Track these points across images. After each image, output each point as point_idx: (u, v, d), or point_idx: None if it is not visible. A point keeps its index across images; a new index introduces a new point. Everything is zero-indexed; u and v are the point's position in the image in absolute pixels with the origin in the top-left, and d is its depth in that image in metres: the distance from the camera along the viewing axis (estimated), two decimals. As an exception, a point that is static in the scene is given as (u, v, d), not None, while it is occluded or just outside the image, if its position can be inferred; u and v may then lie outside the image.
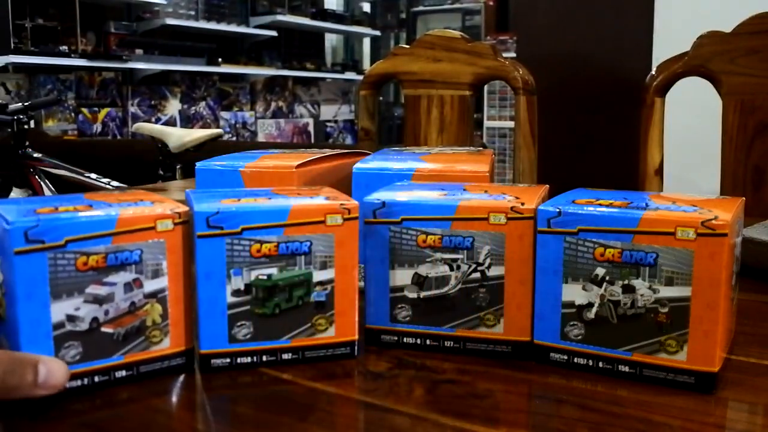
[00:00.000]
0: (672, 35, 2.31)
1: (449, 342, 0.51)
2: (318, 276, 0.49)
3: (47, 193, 2.61)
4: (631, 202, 0.48)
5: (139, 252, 0.45)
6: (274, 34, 5.25)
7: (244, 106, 5.38)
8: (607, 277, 0.47)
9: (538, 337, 0.49)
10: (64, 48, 3.89)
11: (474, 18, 5.93)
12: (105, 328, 0.44)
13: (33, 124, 3.08)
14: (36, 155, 2.64)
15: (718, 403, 0.44)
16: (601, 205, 0.48)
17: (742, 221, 0.51)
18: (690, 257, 0.44)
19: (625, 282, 0.46)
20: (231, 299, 0.48)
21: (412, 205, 0.51)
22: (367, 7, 6.78)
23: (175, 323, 0.47)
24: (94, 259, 0.43)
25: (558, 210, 0.48)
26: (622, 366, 0.47)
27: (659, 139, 1.25)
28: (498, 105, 4.79)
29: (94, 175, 2.66)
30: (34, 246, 0.41)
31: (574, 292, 0.48)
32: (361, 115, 1.53)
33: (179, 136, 2.76)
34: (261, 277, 0.48)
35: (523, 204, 0.49)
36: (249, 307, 0.48)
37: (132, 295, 0.45)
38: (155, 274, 0.46)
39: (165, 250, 0.46)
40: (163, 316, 0.47)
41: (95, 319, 0.44)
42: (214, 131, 2.86)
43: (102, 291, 0.44)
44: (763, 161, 1.19)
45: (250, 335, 0.48)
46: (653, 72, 1.26)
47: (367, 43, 7.00)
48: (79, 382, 0.44)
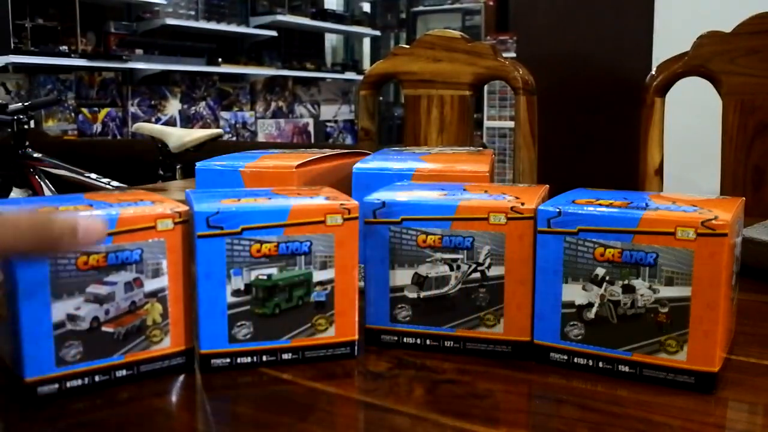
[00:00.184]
0: (672, 35, 2.31)
1: (449, 342, 0.51)
2: (318, 276, 0.49)
3: (47, 193, 2.61)
4: (631, 202, 0.48)
5: (139, 251, 0.45)
6: (274, 34, 5.25)
7: (244, 106, 5.38)
8: (607, 277, 0.47)
9: (538, 337, 0.49)
10: (64, 48, 3.89)
11: (474, 18, 5.93)
12: (105, 328, 0.44)
13: (33, 124, 3.08)
14: (36, 155, 2.64)
15: (718, 403, 0.44)
16: (601, 205, 0.48)
17: (742, 221, 0.51)
18: (690, 257, 0.44)
19: (625, 282, 0.46)
20: (231, 299, 0.48)
21: (412, 205, 0.51)
22: (367, 7, 6.78)
23: (175, 323, 0.47)
24: (94, 259, 0.44)
25: (558, 210, 0.48)
26: (622, 366, 0.47)
27: (659, 139, 1.25)
28: (498, 105, 4.79)
29: (94, 175, 2.66)
30: None
31: (574, 292, 0.48)
32: (361, 115, 1.53)
33: (179, 136, 2.76)
34: (261, 277, 0.48)
35: (523, 204, 0.49)
36: (249, 307, 0.48)
37: (132, 295, 0.45)
38: (155, 274, 0.46)
39: (165, 249, 0.46)
40: (164, 315, 0.47)
41: (96, 318, 0.44)
42: (214, 131, 2.86)
43: (102, 290, 0.44)
44: (763, 161, 1.19)
45: (250, 335, 0.48)
46: (653, 72, 1.26)
47: (367, 43, 7.00)
48: (79, 382, 0.44)
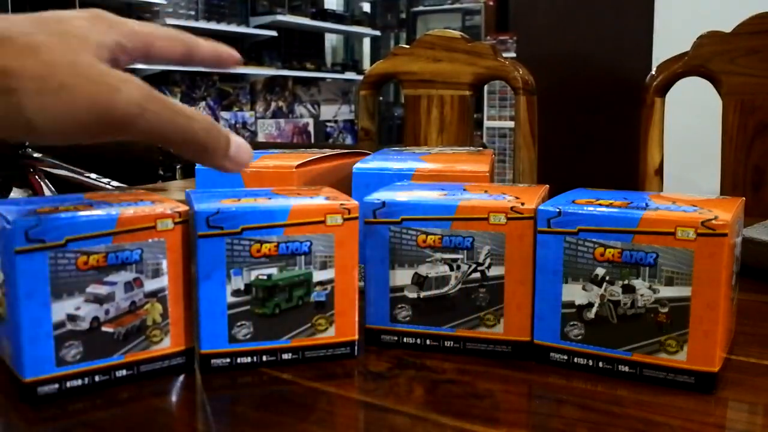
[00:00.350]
0: (672, 35, 2.31)
1: (449, 342, 0.51)
2: (318, 276, 0.49)
3: (47, 193, 2.61)
4: (631, 202, 0.48)
5: (139, 251, 0.45)
6: (274, 34, 5.25)
7: (244, 106, 5.38)
8: (607, 277, 0.47)
9: (538, 337, 0.49)
10: (64, 48, 3.89)
11: (474, 18, 5.93)
12: (105, 328, 0.44)
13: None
14: (36, 155, 2.64)
15: (718, 403, 0.44)
16: (601, 205, 0.48)
17: (742, 221, 0.51)
18: (690, 257, 0.44)
19: (625, 282, 0.46)
20: (231, 299, 0.48)
21: (412, 205, 0.51)
22: (367, 7, 6.78)
23: (175, 322, 0.47)
24: (94, 259, 0.44)
25: (558, 210, 0.48)
26: (622, 366, 0.47)
27: (659, 139, 1.25)
28: (498, 105, 4.79)
29: (94, 175, 2.66)
30: (34, 245, 0.41)
31: (574, 292, 0.48)
32: (361, 115, 1.53)
33: (179, 136, 2.75)
34: (261, 277, 0.48)
35: (523, 204, 0.49)
36: (249, 307, 0.48)
37: (132, 295, 0.45)
38: (155, 274, 0.46)
39: (165, 249, 0.46)
40: (164, 315, 0.47)
41: (96, 318, 0.44)
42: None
43: (102, 290, 0.44)
44: (763, 161, 1.19)
45: (250, 335, 0.48)
46: (653, 72, 1.26)
47: (367, 43, 7.00)
48: (79, 382, 0.44)
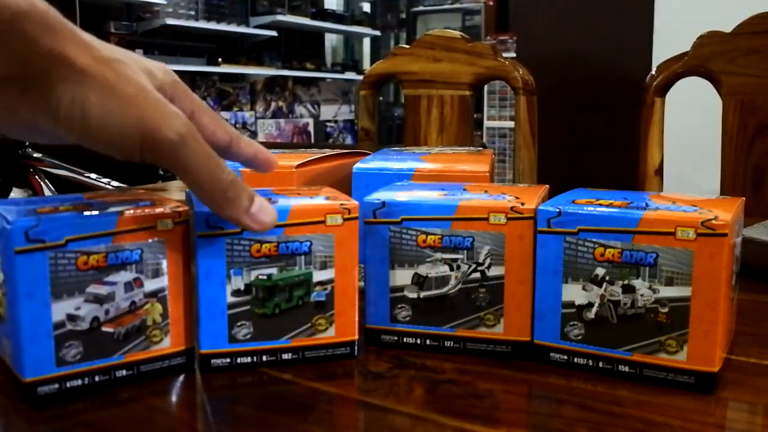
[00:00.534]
0: (672, 35, 2.31)
1: (449, 342, 0.51)
2: (318, 276, 0.49)
3: (47, 193, 2.61)
4: (631, 202, 0.48)
5: (139, 251, 0.45)
6: (274, 34, 5.25)
7: (244, 106, 5.38)
8: (607, 277, 0.47)
9: (538, 337, 0.49)
10: (64, 48, 3.89)
11: (474, 18, 5.93)
12: (105, 328, 0.44)
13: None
14: (36, 155, 2.64)
15: (718, 403, 0.44)
16: (601, 205, 0.48)
17: (742, 221, 0.51)
18: (690, 257, 0.44)
19: (625, 282, 0.46)
20: (231, 299, 0.48)
21: (412, 205, 0.51)
22: (367, 7, 6.78)
23: (175, 323, 0.47)
24: (94, 259, 0.44)
25: (558, 210, 0.48)
26: (622, 366, 0.47)
27: (659, 139, 1.25)
28: (498, 105, 4.79)
29: (94, 175, 2.66)
30: (34, 245, 0.41)
31: (574, 292, 0.48)
32: (361, 115, 1.53)
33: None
34: (261, 277, 0.48)
35: (523, 204, 0.49)
36: (249, 307, 0.48)
37: (132, 295, 0.45)
38: (155, 274, 0.46)
39: (165, 249, 0.46)
40: (164, 315, 0.47)
41: (96, 318, 0.44)
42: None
43: (102, 290, 0.44)
44: (763, 161, 1.19)
45: (250, 335, 0.48)
46: (653, 72, 1.26)
47: (367, 43, 7.00)
48: (79, 382, 0.44)
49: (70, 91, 0.38)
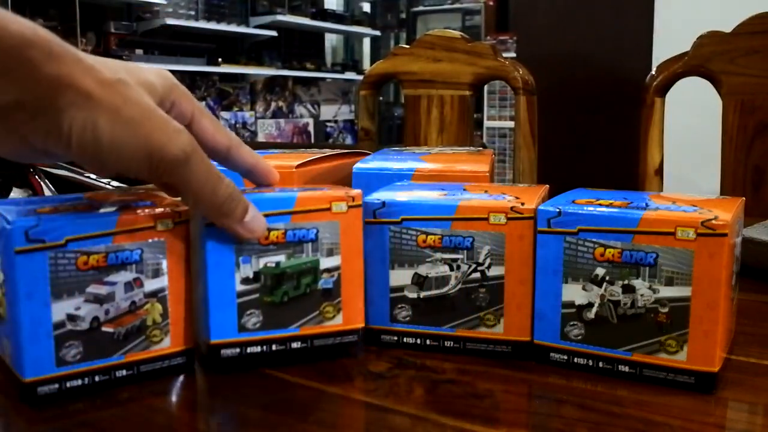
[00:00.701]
0: (672, 35, 2.31)
1: (449, 342, 0.51)
2: (325, 263, 0.49)
3: (47, 193, 2.61)
4: (631, 202, 0.48)
5: (139, 251, 0.45)
6: (274, 34, 5.25)
7: (244, 106, 5.38)
8: (607, 277, 0.47)
9: (538, 337, 0.49)
10: (65, 48, 3.89)
11: (474, 18, 5.93)
12: (105, 328, 0.44)
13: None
14: (36, 155, 2.64)
15: (718, 403, 0.44)
16: (601, 205, 0.48)
17: (742, 221, 0.51)
18: (690, 257, 0.44)
19: (625, 282, 0.46)
20: (240, 287, 0.47)
21: (412, 205, 0.51)
22: (367, 7, 6.78)
23: (175, 323, 0.47)
24: (94, 259, 0.43)
25: (558, 210, 0.48)
26: (622, 366, 0.47)
27: (659, 139, 1.25)
28: (498, 105, 4.79)
29: (94, 175, 2.66)
30: (34, 245, 0.41)
31: (574, 292, 0.48)
32: (361, 115, 1.53)
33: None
34: (269, 264, 0.48)
35: (523, 204, 0.49)
36: (258, 295, 0.48)
37: (132, 295, 0.45)
38: (155, 274, 0.46)
39: (165, 249, 0.46)
40: (164, 315, 0.47)
41: (96, 318, 0.44)
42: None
43: (102, 290, 0.44)
44: (763, 161, 1.19)
45: (259, 324, 0.48)
46: (653, 72, 1.26)
47: (367, 43, 7.00)
48: (79, 382, 0.44)
49: (80, 117, 0.39)
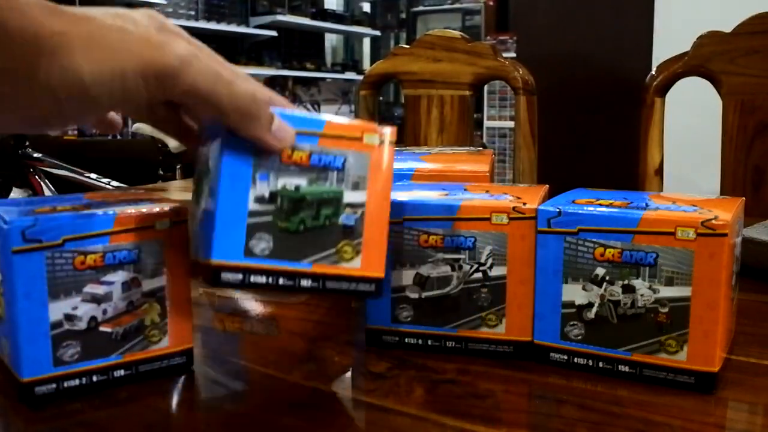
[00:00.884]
0: (672, 35, 2.31)
1: (451, 342, 0.51)
2: (349, 197, 0.44)
3: (47, 193, 2.61)
4: (631, 202, 0.48)
5: (137, 251, 0.45)
6: (274, 34, 5.25)
7: (244, 106, 5.37)
8: (607, 277, 0.46)
9: (538, 337, 0.49)
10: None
11: (474, 18, 5.93)
12: (103, 328, 0.44)
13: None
14: (36, 155, 2.64)
15: (718, 403, 0.44)
16: (601, 205, 0.48)
17: (742, 221, 0.50)
18: (690, 257, 0.44)
19: (625, 282, 0.46)
20: (253, 206, 0.42)
21: (415, 205, 0.50)
22: (367, 7, 6.78)
23: (173, 323, 0.47)
24: (92, 258, 0.43)
25: (558, 210, 0.47)
26: (622, 366, 0.47)
27: (659, 139, 1.25)
28: (498, 105, 4.79)
29: (94, 175, 2.66)
30: (31, 245, 0.41)
31: (574, 292, 0.47)
32: (361, 115, 1.53)
33: (179, 136, 2.74)
34: (288, 186, 0.43)
35: (525, 204, 0.49)
36: (271, 218, 0.43)
37: (130, 295, 0.45)
38: (154, 274, 0.46)
39: (163, 249, 0.46)
40: (162, 315, 0.47)
41: (93, 318, 0.44)
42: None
43: (100, 290, 0.44)
44: (763, 161, 1.19)
45: (268, 251, 0.43)
46: (653, 72, 1.26)
47: (367, 43, 7.00)
48: (77, 382, 0.44)
49: (56, 62, 0.37)
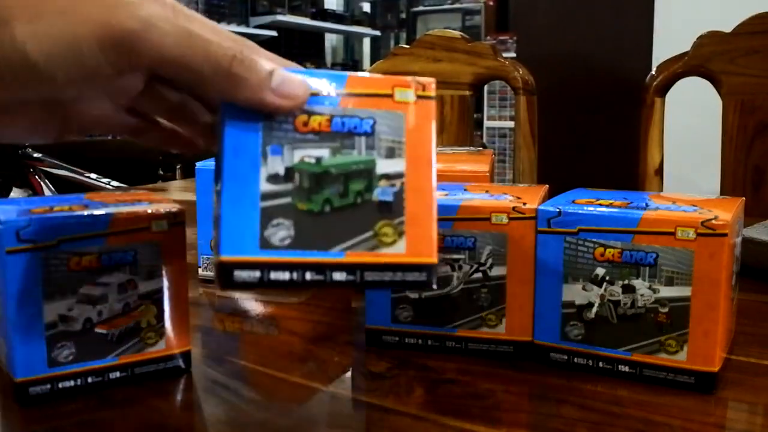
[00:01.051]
0: (672, 35, 2.31)
1: (451, 342, 0.51)
2: (383, 166, 0.36)
3: (47, 193, 2.60)
4: (631, 202, 0.48)
5: (133, 253, 0.45)
6: (274, 34, 5.25)
7: (244, 106, 5.37)
8: (607, 277, 0.46)
9: (538, 337, 0.49)
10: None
11: (474, 18, 5.93)
12: (99, 329, 0.44)
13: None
14: (36, 155, 2.64)
15: (718, 403, 0.44)
16: (601, 205, 0.47)
17: (742, 221, 0.50)
18: (690, 257, 0.44)
19: (625, 282, 0.46)
20: (266, 186, 0.35)
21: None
22: (367, 7, 6.78)
23: (171, 325, 0.47)
24: (87, 260, 0.43)
25: (558, 210, 0.47)
26: (622, 366, 0.46)
27: (659, 139, 1.24)
28: (498, 105, 4.78)
29: (94, 175, 2.66)
30: (26, 245, 0.41)
31: (574, 292, 0.47)
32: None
33: (179, 137, 2.74)
34: (308, 159, 0.36)
35: (525, 204, 0.49)
36: (289, 199, 0.35)
37: (126, 296, 0.45)
38: (150, 276, 0.45)
39: (160, 251, 0.46)
40: (158, 317, 0.46)
41: (89, 319, 0.44)
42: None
43: (95, 291, 0.44)
44: (763, 161, 1.19)
45: (289, 240, 0.35)
46: (653, 72, 1.25)
47: (367, 43, 7.00)
48: (72, 383, 0.44)
49: None
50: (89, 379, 0.44)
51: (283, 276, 0.34)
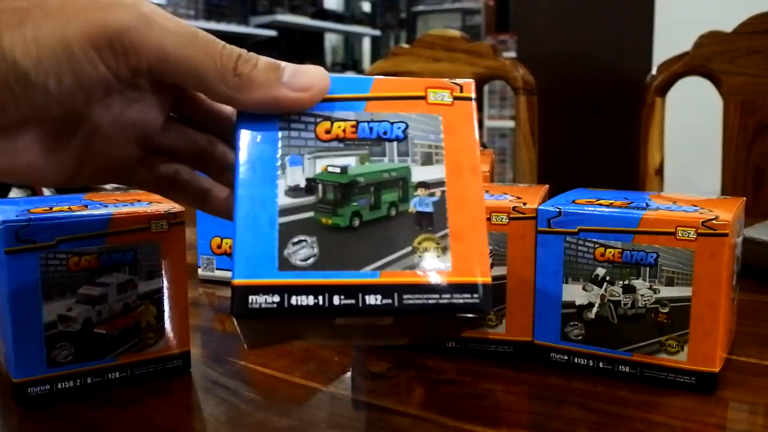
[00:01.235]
0: (672, 35, 2.31)
1: (451, 343, 0.51)
2: (420, 174, 0.33)
3: (47, 193, 2.61)
4: (632, 202, 0.48)
5: (132, 253, 0.45)
6: (274, 33, 5.25)
7: (244, 106, 5.37)
8: (608, 277, 0.46)
9: (539, 337, 0.49)
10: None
11: (474, 18, 5.93)
12: (98, 329, 0.44)
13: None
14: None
15: (719, 403, 0.44)
16: (601, 205, 0.47)
17: (742, 221, 0.50)
18: (690, 257, 0.44)
19: (626, 282, 0.46)
20: (284, 201, 0.32)
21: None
22: (367, 7, 6.78)
23: (170, 325, 0.47)
24: (86, 260, 0.43)
25: (558, 210, 0.47)
26: (623, 366, 0.46)
27: (659, 139, 1.24)
28: (498, 105, 4.78)
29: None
30: (25, 246, 0.41)
31: (575, 292, 0.47)
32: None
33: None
34: (332, 169, 0.33)
35: (525, 204, 0.49)
36: (312, 214, 0.32)
37: (125, 297, 0.45)
38: (150, 276, 0.45)
39: (160, 251, 0.46)
40: (158, 317, 0.46)
41: (88, 319, 0.43)
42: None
43: (95, 292, 0.43)
44: (763, 161, 1.19)
45: (313, 259, 0.31)
46: (653, 72, 1.25)
47: (367, 43, 7.00)
48: (71, 383, 0.44)
49: None
50: (88, 380, 0.44)
51: (307, 301, 0.30)
